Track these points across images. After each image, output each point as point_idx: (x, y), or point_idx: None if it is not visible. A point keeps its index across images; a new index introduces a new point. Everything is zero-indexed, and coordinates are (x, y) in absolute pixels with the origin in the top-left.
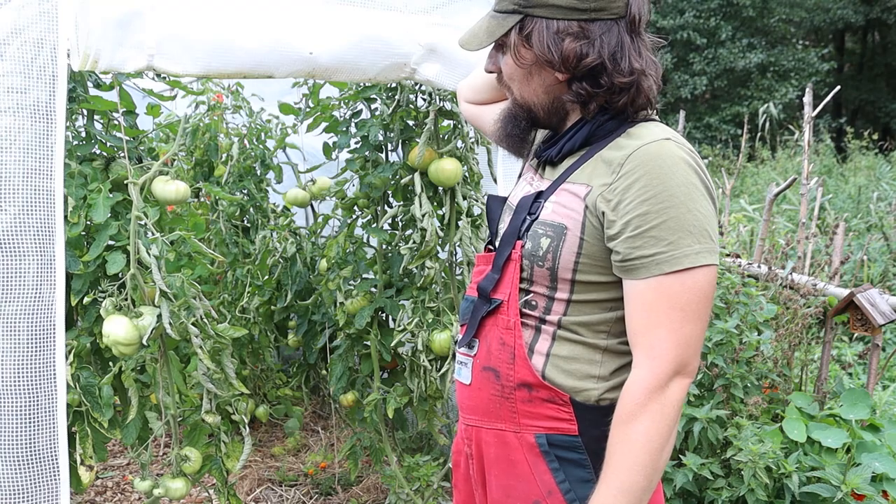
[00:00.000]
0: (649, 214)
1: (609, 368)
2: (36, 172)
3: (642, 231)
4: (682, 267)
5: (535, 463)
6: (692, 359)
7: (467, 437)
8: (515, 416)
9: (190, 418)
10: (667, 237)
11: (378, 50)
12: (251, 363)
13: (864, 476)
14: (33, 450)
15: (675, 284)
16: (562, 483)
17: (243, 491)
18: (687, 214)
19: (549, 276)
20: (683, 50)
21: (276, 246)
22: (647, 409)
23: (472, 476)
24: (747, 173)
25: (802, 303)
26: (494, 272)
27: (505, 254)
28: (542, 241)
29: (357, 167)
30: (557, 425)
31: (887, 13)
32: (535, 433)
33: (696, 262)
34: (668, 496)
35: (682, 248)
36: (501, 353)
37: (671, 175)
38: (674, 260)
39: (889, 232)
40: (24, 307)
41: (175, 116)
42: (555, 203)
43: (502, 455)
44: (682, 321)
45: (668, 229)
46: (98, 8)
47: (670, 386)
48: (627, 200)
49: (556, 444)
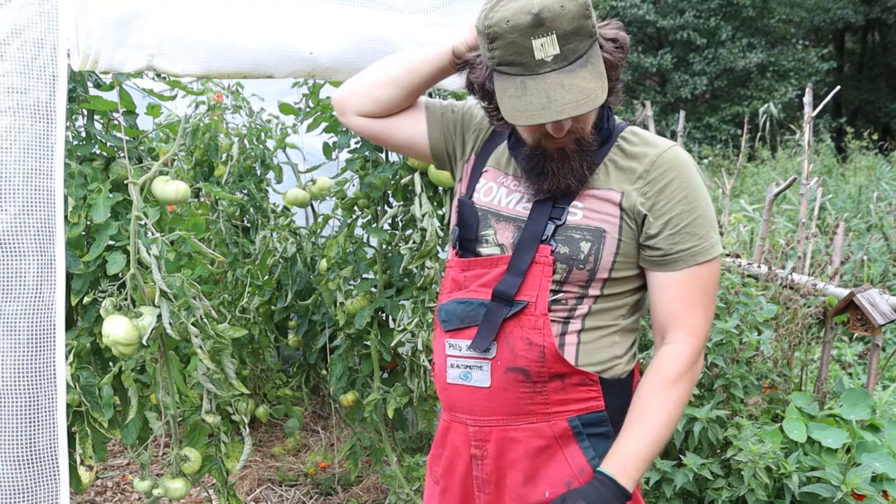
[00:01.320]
0: (684, 213)
1: (626, 345)
2: (36, 172)
3: (680, 228)
4: (711, 257)
5: (568, 446)
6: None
7: (477, 438)
8: (547, 407)
9: (190, 418)
10: (698, 232)
11: (378, 50)
12: (251, 363)
13: (865, 476)
14: (33, 450)
15: (704, 272)
16: (592, 459)
17: (243, 491)
18: (708, 210)
19: (588, 276)
20: (683, 50)
21: (276, 246)
22: (687, 376)
23: (480, 476)
24: (747, 173)
25: (802, 303)
26: (516, 276)
27: (526, 258)
28: (583, 245)
29: (357, 167)
30: (588, 405)
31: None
32: (567, 418)
33: (718, 251)
34: (669, 496)
35: (710, 240)
36: (530, 353)
37: (694, 177)
38: (705, 251)
39: (889, 232)
40: (24, 307)
41: (175, 116)
42: (584, 209)
43: (533, 447)
44: (710, 302)
45: (699, 225)
46: (98, 8)
47: (700, 359)
48: (663, 202)
49: (588, 422)
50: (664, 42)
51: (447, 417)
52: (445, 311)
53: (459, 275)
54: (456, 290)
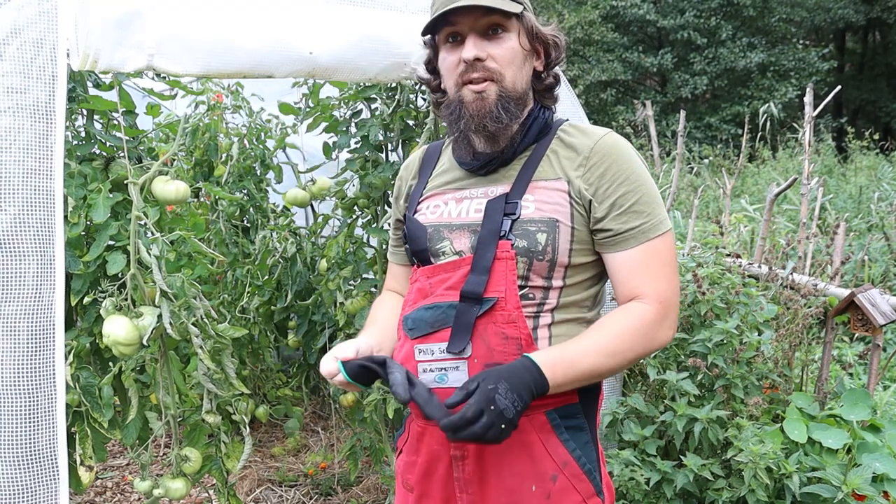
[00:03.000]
0: (628, 194)
1: None
2: (36, 172)
3: (626, 208)
4: (661, 231)
5: (548, 440)
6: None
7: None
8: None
9: (190, 418)
10: (645, 210)
11: (378, 50)
12: (251, 363)
13: (865, 476)
14: (33, 450)
15: (659, 245)
16: (573, 451)
17: (243, 491)
18: (651, 189)
19: (548, 267)
20: (684, 50)
21: (276, 246)
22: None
23: (462, 477)
24: (748, 173)
25: (803, 303)
26: (480, 274)
27: (489, 255)
28: (539, 237)
29: (357, 167)
30: (563, 398)
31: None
32: (545, 411)
33: (668, 227)
34: (669, 497)
35: (657, 216)
36: (507, 347)
37: (632, 159)
38: (655, 227)
39: (890, 232)
40: (24, 307)
41: (175, 116)
42: (534, 201)
43: (514, 442)
44: (672, 274)
45: (644, 203)
46: (98, 8)
47: (664, 325)
48: (606, 185)
49: (565, 415)
50: (664, 42)
51: (422, 423)
52: (412, 320)
53: (425, 283)
54: (421, 300)
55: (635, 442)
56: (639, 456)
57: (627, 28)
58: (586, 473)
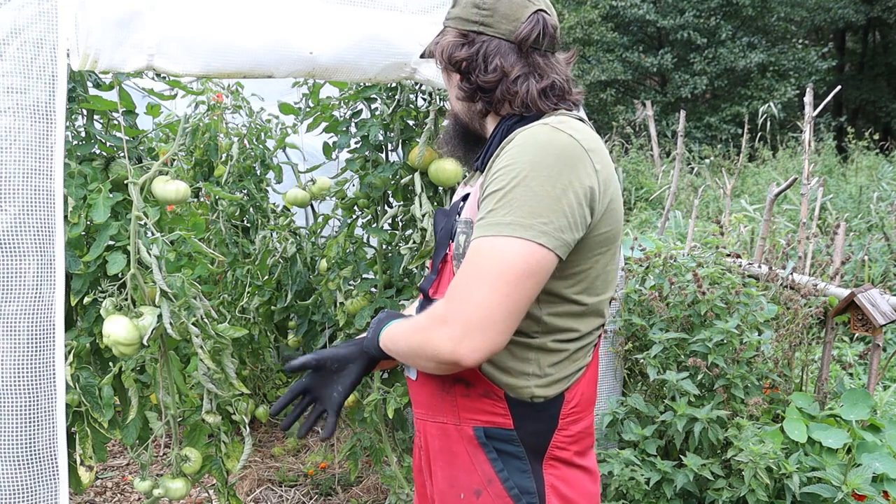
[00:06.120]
0: (495, 184)
1: (543, 365)
2: (36, 172)
3: (486, 197)
4: (495, 234)
5: (475, 453)
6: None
7: (418, 429)
8: (456, 410)
9: (190, 418)
10: (496, 206)
11: (378, 49)
12: (251, 363)
13: (865, 476)
14: (33, 450)
15: (483, 247)
16: (500, 472)
17: (243, 491)
18: (526, 193)
19: None
20: (684, 50)
21: (276, 246)
22: (424, 331)
23: (423, 467)
24: (748, 173)
25: (803, 303)
26: (433, 273)
27: (441, 255)
28: (460, 239)
29: (357, 167)
30: (494, 419)
31: (888, 12)
32: (473, 426)
33: (510, 233)
34: (669, 496)
35: (505, 217)
36: None
37: (525, 154)
38: (492, 226)
39: (890, 232)
40: (24, 307)
41: (175, 116)
42: (469, 201)
43: (445, 446)
44: (480, 283)
45: (502, 199)
46: (98, 8)
47: (442, 331)
48: (489, 179)
49: (494, 436)
50: (664, 42)
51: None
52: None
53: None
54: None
55: (635, 442)
56: (639, 456)
57: (627, 28)
58: (513, 498)
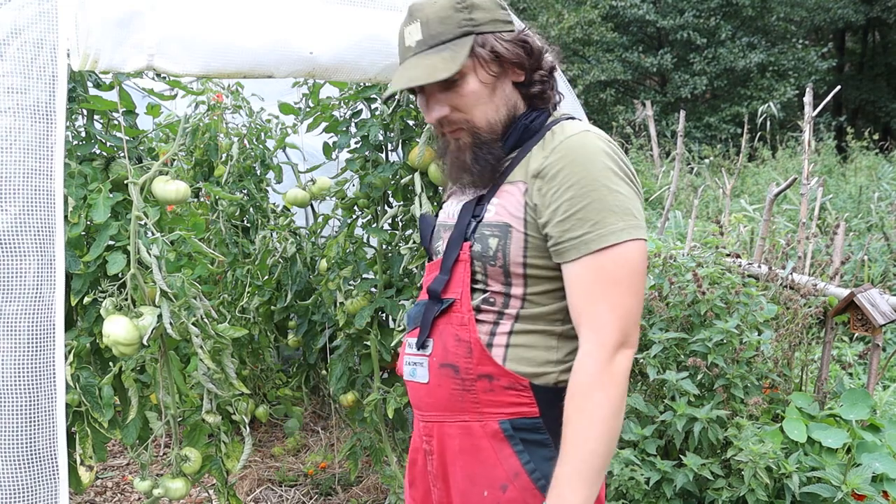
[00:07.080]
0: (574, 199)
1: (564, 352)
2: (36, 172)
3: (570, 215)
4: (609, 244)
5: (500, 448)
6: (633, 330)
7: (426, 433)
8: (478, 406)
9: (190, 418)
10: (592, 217)
11: (378, 50)
12: (251, 363)
13: (865, 476)
14: (33, 450)
15: (605, 261)
16: (527, 464)
17: (243, 491)
18: (608, 196)
19: (503, 273)
20: (683, 50)
21: (276, 246)
22: (600, 380)
23: (431, 471)
24: (748, 173)
25: (803, 303)
26: (443, 274)
27: (453, 256)
28: (491, 242)
29: (357, 167)
30: (520, 410)
31: (888, 12)
32: (498, 420)
33: (619, 239)
34: (669, 496)
35: (607, 226)
36: (458, 349)
37: (591, 162)
38: (601, 238)
39: (890, 232)
40: (24, 307)
41: (175, 116)
42: (497, 204)
43: (467, 445)
44: (620, 294)
45: (593, 210)
46: (98, 8)
47: (617, 357)
48: (554, 189)
49: (520, 427)
50: (664, 42)
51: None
52: (408, 315)
53: (424, 278)
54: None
55: (635, 441)
56: (639, 455)
57: (627, 28)
58: (540, 489)
